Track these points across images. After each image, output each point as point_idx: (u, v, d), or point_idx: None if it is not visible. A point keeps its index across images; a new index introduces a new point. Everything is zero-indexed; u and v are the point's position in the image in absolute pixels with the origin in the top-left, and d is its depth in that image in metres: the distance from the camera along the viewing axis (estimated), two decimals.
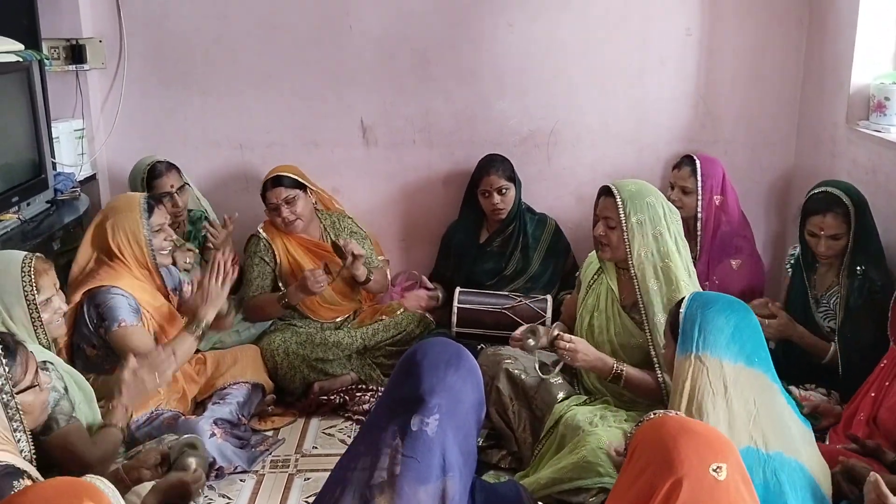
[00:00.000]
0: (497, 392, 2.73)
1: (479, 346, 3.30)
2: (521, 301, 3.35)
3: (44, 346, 2.26)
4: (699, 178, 3.46)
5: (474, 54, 3.75)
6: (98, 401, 2.47)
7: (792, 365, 2.74)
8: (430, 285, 3.69)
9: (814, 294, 2.90)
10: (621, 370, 2.55)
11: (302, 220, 3.40)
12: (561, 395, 2.65)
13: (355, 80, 3.76)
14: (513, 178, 3.59)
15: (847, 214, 2.78)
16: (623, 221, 2.53)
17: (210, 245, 3.43)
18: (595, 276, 2.76)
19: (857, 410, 2.41)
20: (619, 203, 2.54)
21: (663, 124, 3.85)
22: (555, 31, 3.72)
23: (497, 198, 3.54)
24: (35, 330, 2.25)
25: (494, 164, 3.57)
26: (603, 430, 2.38)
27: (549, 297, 3.37)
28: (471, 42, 3.74)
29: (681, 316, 2.02)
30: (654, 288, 2.52)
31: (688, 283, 2.52)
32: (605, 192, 2.64)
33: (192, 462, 2.06)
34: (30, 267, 2.25)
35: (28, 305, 2.23)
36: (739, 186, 3.67)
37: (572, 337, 2.58)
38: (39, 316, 2.25)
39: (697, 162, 3.50)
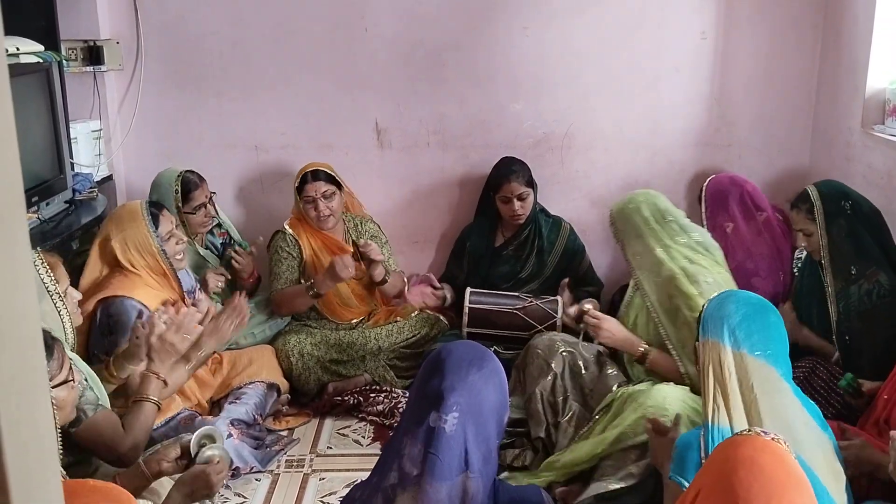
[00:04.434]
0: (553, 377, 2.83)
1: (491, 347, 3.30)
2: (531, 302, 3.35)
3: (70, 337, 2.26)
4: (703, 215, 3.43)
5: (489, 58, 3.76)
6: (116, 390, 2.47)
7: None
8: (436, 284, 3.69)
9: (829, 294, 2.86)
10: (646, 351, 2.70)
11: (334, 216, 3.44)
12: (615, 386, 2.75)
13: (370, 82, 3.78)
14: (531, 182, 3.58)
15: (811, 211, 2.79)
16: (616, 240, 2.83)
17: (235, 265, 3.40)
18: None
19: (872, 409, 2.42)
20: (611, 223, 2.84)
21: (677, 128, 3.85)
22: (569, 35, 3.73)
23: (517, 204, 3.53)
24: (62, 319, 2.23)
25: (515, 171, 3.54)
26: (667, 386, 2.52)
27: (559, 299, 3.36)
28: (485, 45, 3.75)
29: (705, 305, 2.06)
30: (656, 300, 2.68)
31: (699, 289, 2.58)
32: None
33: (215, 454, 2.05)
34: (41, 260, 2.23)
35: (52, 296, 2.20)
36: None
37: (599, 314, 2.77)
38: (65, 305, 2.23)
39: (703, 192, 3.47)
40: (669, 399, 2.41)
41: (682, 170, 3.86)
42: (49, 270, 2.22)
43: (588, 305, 2.78)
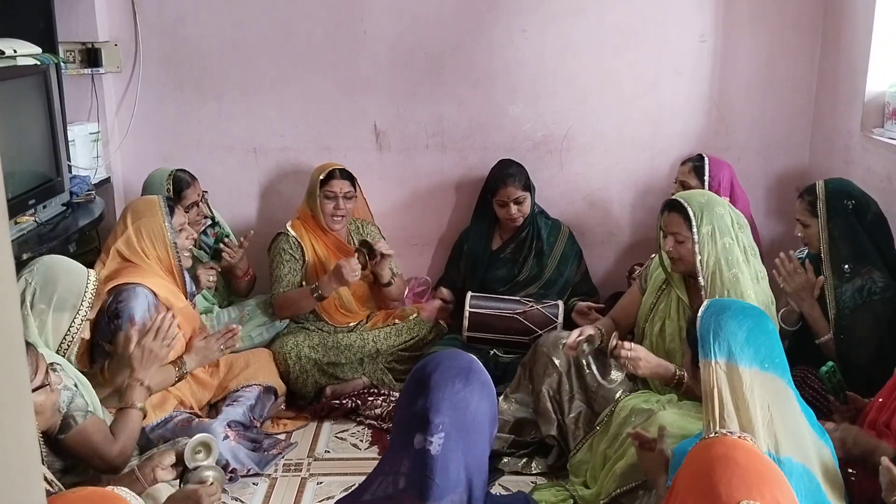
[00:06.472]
0: (558, 375, 2.80)
1: (490, 352, 3.30)
2: (532, 306, 3.34)
3: (73, 353, 2.26)
4: (706, 177, 3.43)
5: (488, 60, 3.75)
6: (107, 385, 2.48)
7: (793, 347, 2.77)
8: (446, 296, 3.63)
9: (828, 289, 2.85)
10: (682, 375, 2.55)
11: (346, 218, 3.49)
12: (619, 395, 2.72)
13: (369, 84, 3.77)
14: (528, 185, 3.56)
15: (813, 203, 2.78)
16: (695, 233, 2.56)
17: (226, 260, 3.38)
18: (666, 283, 2.77)
19: (866, 413, 2.42)
20: (691, 215, 2.57)
21: (677, 131, 3.84)
22: (568, 37, 3.73)
23: (514, 208, 3.51)
24: (63, 339, 2.24)
25: (511, 175, 3.52)
26: (669, 412, 2.42)
27: (560, 303, 3.38)
28: (484, 47, 3.74)
29: (698, 322, 2.02)
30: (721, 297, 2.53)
31: (753, 294, 2.53)
32: (672, 206, 2.64)
33: (209, 476, 2.03)
34: (94, 286, 2.25)
35: (74, 318, 2.23)
36: (752, 193, 3.68)
37: (633, 345, 2.57)
38: (78, 331, 2.25)
39: (706, 160, 3.49)
40: (675, 428, 2.27)
41: None
42: (94, 292, 2.26)
43: (615, 340, 2.57)
